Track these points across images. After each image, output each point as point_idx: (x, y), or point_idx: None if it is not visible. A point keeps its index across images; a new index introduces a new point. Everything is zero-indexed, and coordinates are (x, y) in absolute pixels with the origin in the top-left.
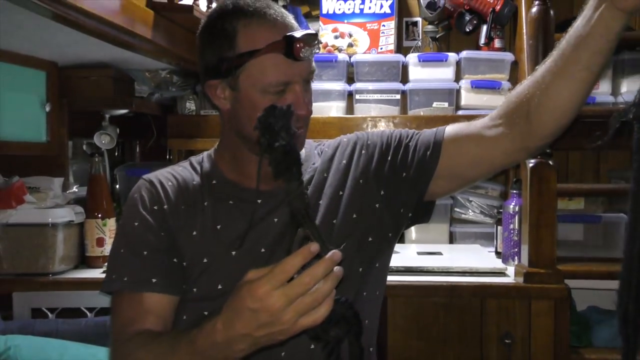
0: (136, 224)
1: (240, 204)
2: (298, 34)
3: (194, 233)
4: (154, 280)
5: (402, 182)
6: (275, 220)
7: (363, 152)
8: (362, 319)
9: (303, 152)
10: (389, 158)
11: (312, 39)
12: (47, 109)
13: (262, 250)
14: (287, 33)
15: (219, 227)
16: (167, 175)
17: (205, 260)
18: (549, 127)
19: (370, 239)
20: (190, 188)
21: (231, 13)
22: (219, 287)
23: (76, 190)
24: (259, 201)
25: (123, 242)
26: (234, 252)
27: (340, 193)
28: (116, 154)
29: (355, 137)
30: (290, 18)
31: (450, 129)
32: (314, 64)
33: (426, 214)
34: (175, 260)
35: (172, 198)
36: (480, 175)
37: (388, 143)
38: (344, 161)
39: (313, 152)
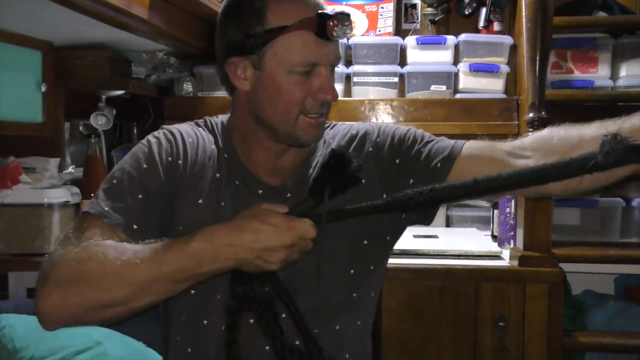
0: (145, 166)
1: (244, 188)
2: (332, 12)
3: (200, 201)
4: (135, 227)
5: (408, 189)
6: None
7: (370, 149)
8: (354, 320)
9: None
10: (397, 161)
11: (345, 19)
12: (43, 89)
13: None
14: (320, 11)
15: (222, 204)
16: (188, 131)
17: None
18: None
19: (365, 242)
20: (207, 152)
21: None
22: None
23: (72, 171)
24: (260, 192)
25: (122, 175)
26: None
27: None
28: (116, 135)
29: (365, 132)
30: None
31: (470, 145)
32: (340, 50)
33: (427, 218)
34: (162, 217)
35: (189, 155)
36: (486, 198)
37: (399, 144)
38: None
39: (320, 142)
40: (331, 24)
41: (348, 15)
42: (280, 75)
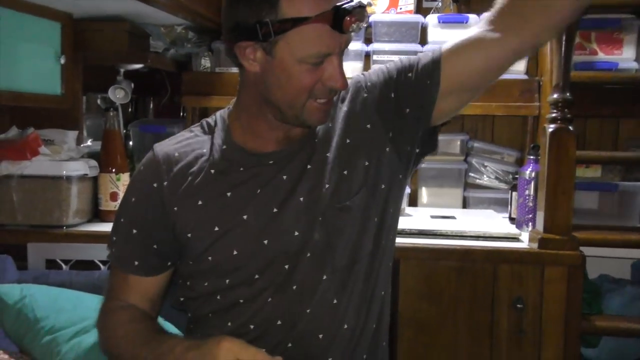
0: (133, 199)
1: (251, 168)
2: (349, 5)
3: (199, 203)
4: (135, 263)
5: (407, 118)
6: (284, 177)
7: (365, 95)
8: (378, 268)
9: None
10: (392, 95)
11: (363, 13)
12: (62, 61)
13: (275, 210)
14: (336, 3)
15: (229, 194)
16: (175, 146)
17: (216, 229)
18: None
19: (382, 186)
20: (198, 158)
21: None
22: (235, 252)
23: (90, 144)
24: (271, 162)
25: (122, 213)
26: (245, 216)
27: (348, 141)
28: (130, 110)
29: (356, 82)
30: None
31: (448, 44)
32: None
33: (432, 143)
34: (169, 236)
35: (175, 171)
36: (490, 80)
37: (389, 79)
38: (345, 108)
39: None
40: (348, 19)
41: (365, 8)
42: (291, 63)
